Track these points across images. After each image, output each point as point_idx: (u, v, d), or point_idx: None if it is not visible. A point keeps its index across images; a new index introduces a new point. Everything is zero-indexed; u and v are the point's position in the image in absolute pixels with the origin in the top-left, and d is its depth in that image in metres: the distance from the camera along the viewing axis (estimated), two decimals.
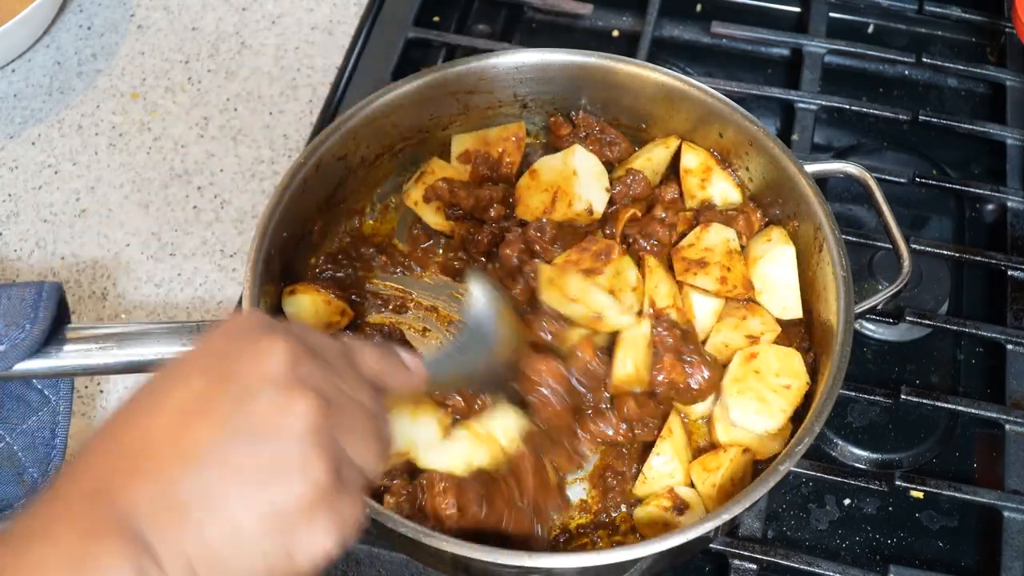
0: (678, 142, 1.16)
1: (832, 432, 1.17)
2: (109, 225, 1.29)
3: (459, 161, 1.19)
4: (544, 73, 1.17)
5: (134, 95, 1.41)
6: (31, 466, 1.04)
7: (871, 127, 1.43)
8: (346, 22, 1.48)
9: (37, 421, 1.03)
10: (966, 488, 1.08)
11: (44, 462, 1.04)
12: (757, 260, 1.08)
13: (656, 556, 0.88)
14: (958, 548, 1.11)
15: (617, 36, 1.53)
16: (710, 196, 1.15)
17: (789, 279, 1.08)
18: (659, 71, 1.14)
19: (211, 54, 1.45)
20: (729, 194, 1.14)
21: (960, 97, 1.48)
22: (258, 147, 1.36)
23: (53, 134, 1.37)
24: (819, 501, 1.14)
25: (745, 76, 1.48)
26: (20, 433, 1.03)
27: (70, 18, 1.48)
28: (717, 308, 1.07)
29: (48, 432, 1.04)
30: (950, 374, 1.23)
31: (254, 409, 0.65)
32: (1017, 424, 1.12)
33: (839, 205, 1.35)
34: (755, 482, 0.89)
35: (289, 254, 1.07)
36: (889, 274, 1.23)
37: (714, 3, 1.54)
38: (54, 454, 1.04)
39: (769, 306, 1.08)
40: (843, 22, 1.51)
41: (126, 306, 1.23)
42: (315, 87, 1.41)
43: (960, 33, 1.52)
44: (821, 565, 1.03)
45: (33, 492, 1.04)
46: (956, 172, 1.39)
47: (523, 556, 0.85)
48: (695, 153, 1.15)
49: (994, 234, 1.32)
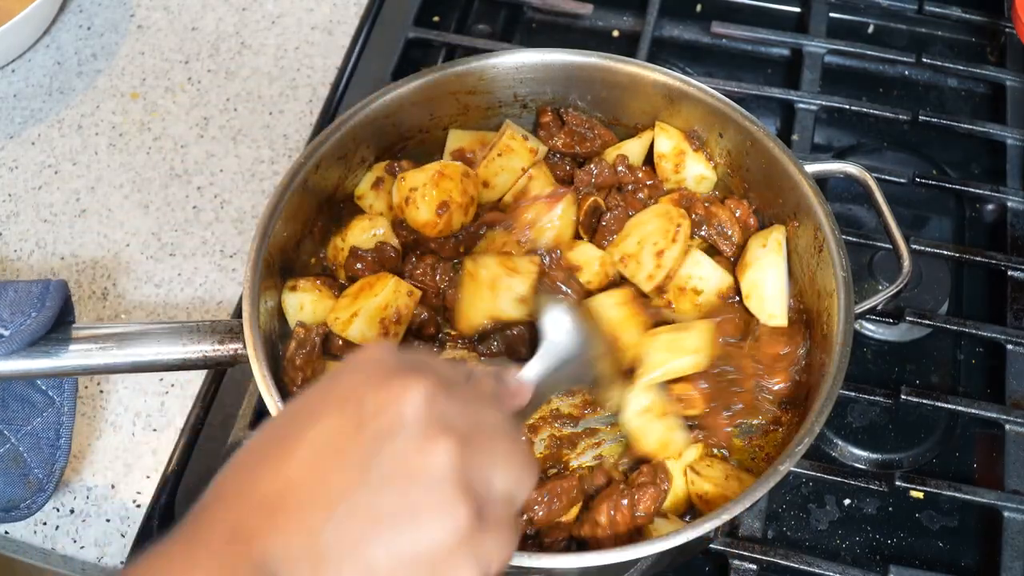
0: (651, 132, 1.16)
1: (832, 432, 1.17)
2: (109, 225, 1.29)
3: (452, 157, 1.19)
4: (544, 73, 1.16)
5: (134, 95, 1.41)
6: (36, 467, 1.04)
7: (871, 127, 1.43)
8: (346, 22, 1.48)
9: (42, 422, 1.04)
10: (966, 488, 1.08)
11: (49, 463, 1.05)
12: (748, 266, 1.08)
13: (656, 556, 0.88)
14: (958, 548, 1.11)
15: (617, 36, 1.53)
16: (684, 179, 1.15)
17: (776, 288, 1.07)
18: (659, 71, 1.14)
19: (211, 54, 1.45)
20: (705, 174, 1.15)
21: (960, 97, 1.48)
22: (258, 147, 1.36)
23: (53, 134, 1.37)
24: (819, 501, 1.14)
25: (745, 76, 1.48)
26: (25, 434, 1.04)
27: (70, 18, 1.48)
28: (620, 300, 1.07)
29: (53, 433, 1.04)
30: (950, 374, 1.23)
31: (392, 452, 0.64)
32: (1017, 424, 1.12)
33: (839, 205, 1.35)
34: (755, 482, 0.89)
35: (289, 254, 1.07)
36: (889, 274, 1.23)
37: (714, 3, 1.54)
38: (59, 455, 1.04)
39: (756, 312, 1.08)
40: (843, 22, 1.51)
41: (126, 306, 1.23)
42: (315, 87, 1.41)
43: (960, 33, 1.52)
44: (821, 565, 1.03)
45: (39, 492, 1.05)
46: (956, 172, 1.39)
47: (523, 556, 0.85)
48: (668, 136, 1.15)
49: (994, 234, 1.32)
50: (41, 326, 0.95)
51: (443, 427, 0.65)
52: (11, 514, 1.05)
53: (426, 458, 0.64)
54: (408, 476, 0.64)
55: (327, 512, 0.62)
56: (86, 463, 1.13)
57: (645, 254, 1.08)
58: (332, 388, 0.68)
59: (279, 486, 0.63)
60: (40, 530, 1.09)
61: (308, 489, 0.63)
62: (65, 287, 0.97)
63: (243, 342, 0.95)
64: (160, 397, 1.17)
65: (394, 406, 0.65)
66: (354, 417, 0.65)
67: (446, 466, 0.64)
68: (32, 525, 1.09)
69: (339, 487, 0.63)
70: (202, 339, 0.96)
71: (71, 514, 1.10)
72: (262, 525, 0.62)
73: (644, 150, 1.17)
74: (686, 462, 1.00)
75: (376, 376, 0.67)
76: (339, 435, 0.64)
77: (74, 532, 1.09)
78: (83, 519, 1.10)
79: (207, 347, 0.96)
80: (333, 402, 0.67)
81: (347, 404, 0.66)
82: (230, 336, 0.97)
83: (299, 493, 0.63)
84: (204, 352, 0.96)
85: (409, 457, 0.64)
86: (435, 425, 0.65)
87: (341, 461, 0.63)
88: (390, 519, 0.63)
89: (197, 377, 1.17)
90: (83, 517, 1.10)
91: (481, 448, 0.67)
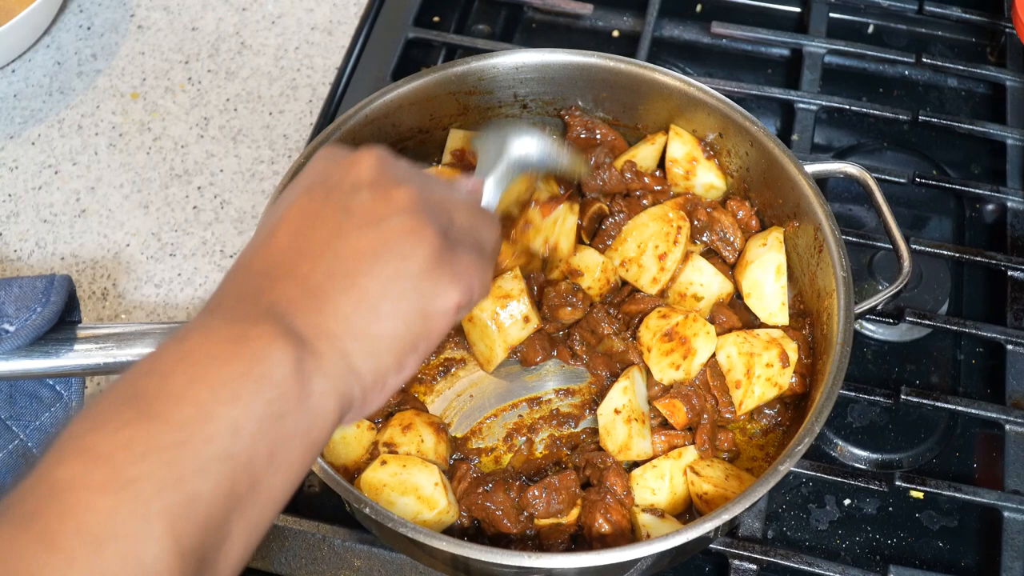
0: (665, 137, 1.16)
1: (832, 432, 1.17)
2: (109, 225, 1.29)
3: (452, 158, 1.18)
4: (544, 73, 1.17)
5: (134, 95, 1.41)
6: None
7: (871, 127, 1.43)
8: (346, 22, 1.48)
9: (50, 417, 1.04)
10: (966, 488, 1.08)
11: None
12: (748, 264, 1.09)
13: (656, 556, 0.88)
14: (958, 548, 1.11)
15: (617, 36, 1.53)
16: (693, 186, 1.15)
17: (776, 286, 1.08)
18: (659, 71, 1.14)
19: (211, 54, 1.45)
20: (715, 183, 1.15)
21: (960, 97, 1.48)
22: (258, 147, 1.36)
23: (53, 134, 1.37)
24: (819, 501, 1.14)
25: (745, 76, 1.48)
26: (34, 430, 1.04)
27: (70, 18, 1.48)
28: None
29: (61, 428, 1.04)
30: (950, 374, 1.23)
31: (359, 205, 0.73)
32: (1017, 424, 1.12)
33: (839, 205, 1.35)
34: (755, 482, 0.90)
35: None
36: (889, 274, 1.23)
37: (714, 3, 1.54)
38: None
39: (756, 310, 1.09)
40: (843, 22, 1.51)
41: (126, 306, 1.23)
42: (315, 87, 1.41)
43: (960, 33, 1.52)
44: (821, 565, 1.03)
45: None
46: (956, 172, 1.39)
47: (523, 556, 0.85)
48: (682, 142, 1.15)
49: (994, 234, 1.32)
50: (46, 321, 0.95)
51: (397, 179, 0.76)
52: None
53: (388, 201, 0.73)
54: (376, 217, 0.73)
55: (313, 262, 0.71)
56: None
57: (647, 258, 1.08)
58: (300, 179, 0.78)
59: (271, 261, 0.72)
60: None
61: (294, 252, 0.72)
62: (69, 282, 0.98)
63: None
64: None
65: (353, 171, 0.76)
66: (321, 190, 0.75)
67: (406, 202, 0.73)
68: None
69: (320, 242, 0.72)
70: None
71: None
72: (261, 286, 0.70)
73: (657, 155, 1.17)
74: (686, 462, 1.00)
75: (335, 157, 0.78)
76: (311, 205, 0.74)
77: None
78: None
79: None
80: (302, 186, 0.77)
81: (314, 182, 0.76)
82: None
83: (288, 257, 0.72)
84: None
85: (374, 204, 0.73)
86: (391, 179, 0.75)
87: (318, 224, 0.73)
88: (371, 253, 0.71)
89: None
90: None
91: (434, 196, 0.77)
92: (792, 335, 1.05)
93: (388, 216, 0.73)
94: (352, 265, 0.71)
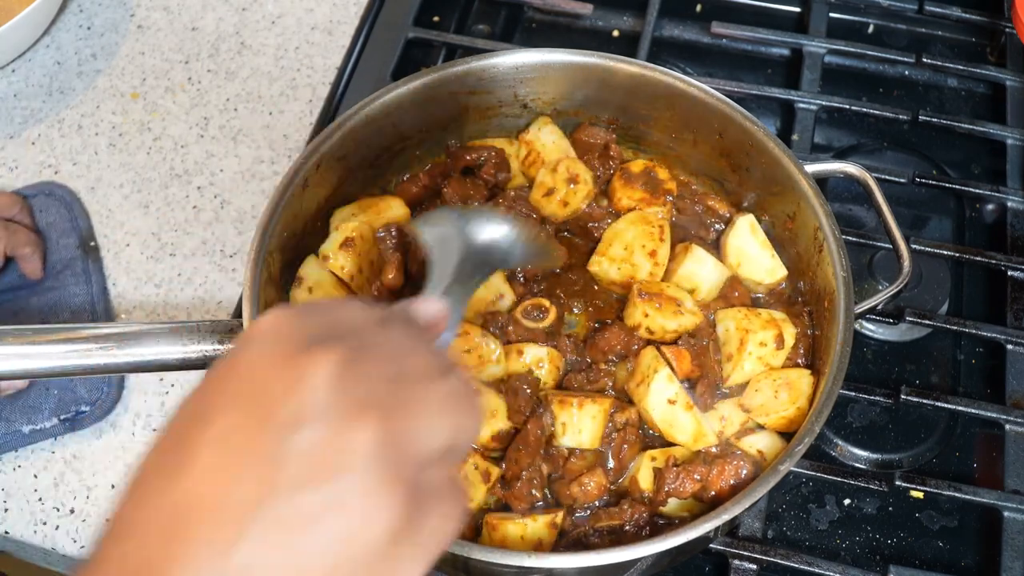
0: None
1: (832, 432, 1.17)
2: (109, 225, 1.29)
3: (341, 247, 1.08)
4: (544, 73, 1.17)
5: (134, 95, 1.41)
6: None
7: (871, 127, 1.43)
8: (346, 22, 1.48)
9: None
10: (966, 488, 1.08)
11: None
12: (726, 240, 1.10)
13: (656, 556, 0.88)
14: (958, 548, 1.11)
15: (617, 36, 1.53)
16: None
17: (756, 243, 1.09)
18: (659, 71, 1.14)
19: (211, 54, 1.45)
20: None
21: (960, 97, 1.48)
22: (258, 147, 1.36)
23: (53, 134, 1.37)
24: (819, 501, 1.14)
25: (745, 76, 1.48)
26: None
27: (70, 18, 1.48)
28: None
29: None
30: (950, 374, 1.23)
31: (304, 446, 0.54)
32: (1017, 424, 1.12)
33: (839, 205, 1.35)
34: (755, 482, 0.89)
35: (289, 254, 1.07)
36: (889, 274, 1.23)
37: (714, 3, 1.54)
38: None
39: (755, 276, 1.09)
40: (843, 22, 1.51)
41: (126, 306, 1.23)
42: (315, 87, 1.41)
43: (960, 33, 1.52)
44: (821, 565, 1.04)
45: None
46: (956, 172, 1.39)
47: (523, 556, 0.85)
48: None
49: (994, 234, 1.32)
50: (113, 401, 1.15)
51: (359, 405, 0.56)
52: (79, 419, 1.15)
53: (344, 445, 0.55)
54: (325, 470, 0.54)
55: (237, 527, 0.53)
56: (86, 463, 1.13)
57: (637, 257, 1.08)
58: (229, 375, 0.58)
59: (179, 506, 0.54)
60: (40, 530, 1.09)
61: (212, 503, 0.54)
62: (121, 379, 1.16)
63: None
64: (160, 397, 1.17)
65: (299, 390, 0.56)
66: (256, 410, 0.56)
67: (368, 450, 0.55)
68: (32, 525, 1.09)
69: (248, 496, 0.53)
70: (202, 339, 0.96)
71: (71, 514, 1.10)
72: (171, 550, 0.53)
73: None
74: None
75: (276, 354, 0.58)
76: (241, 433, 0.55)
77: (74, 532, 1.09)
78: (83, 519, 1.10)
79: (207, 347, 0.96)
80: (230, 394, 0.57)
81: (247, 395, 0.56)
82: (230, 336, 0.97)
83: (202, 510, 0.54)
84: (204, 352, 0.96)
85: (324, 448, 0.54)
86: (350, 404, 0.56)
87: (247, 464, 0.54)
88: (312, 523, 0.53)
89: (197, 377, 1.16)
90: (83, 517, 1.10)
91: (408, 410, 0.58)
92: (795, 322, 1.06)
93: (340, 471, 0.54)
94: (286, 540, 0.53)
